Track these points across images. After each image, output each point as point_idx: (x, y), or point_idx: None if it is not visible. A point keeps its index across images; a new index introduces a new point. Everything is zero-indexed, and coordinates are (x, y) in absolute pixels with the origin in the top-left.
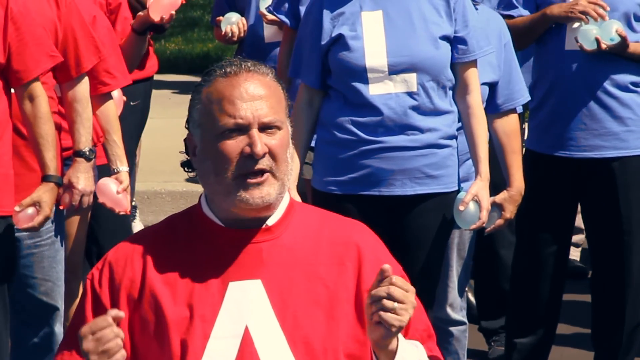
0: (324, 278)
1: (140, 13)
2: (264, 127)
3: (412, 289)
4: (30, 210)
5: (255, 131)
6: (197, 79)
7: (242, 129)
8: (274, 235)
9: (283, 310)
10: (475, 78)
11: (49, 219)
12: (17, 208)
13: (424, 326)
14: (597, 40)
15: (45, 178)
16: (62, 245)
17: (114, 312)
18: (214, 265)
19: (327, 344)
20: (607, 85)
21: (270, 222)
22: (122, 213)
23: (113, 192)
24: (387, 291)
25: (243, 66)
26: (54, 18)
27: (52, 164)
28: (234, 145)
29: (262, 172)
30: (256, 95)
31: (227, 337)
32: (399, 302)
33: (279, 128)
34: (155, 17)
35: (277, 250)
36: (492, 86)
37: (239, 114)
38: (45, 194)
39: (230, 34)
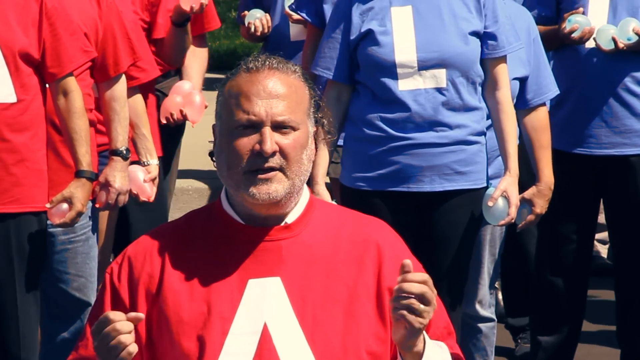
0: (343, 276)
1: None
2: (278, 126)
3: (435, 292)
4: (64, 205)
5: (267, 129)
6: (224, 76)
7: (255, 126)
8: (293, 233)
9: (302, 308)
10: (505, 74)
11: (82, 215)
12: (48, 205)
13: (444, 323)
14: (614, 40)
15: (78, 173)
16: (96, 242)
17: (132, 314)
18: (233, 262)
19: (347, 341)
20: (628, 82)
21: (289, 219)
22: (144, 200)
23: (140, 179)
24: (420, 290)
25: (267, 63)
26: (95, 17)
27: (85, 159)
28: (246, 142)
29: (271, 169)
30: (273, 93)
31: (246, 334)
32: (426, 304)
33: (294, 128)
34: (185, 6)
35: (297, 248)
36: (522, 81)
37: (253, 110)
38: (77, 189)
39: (253, 29)
